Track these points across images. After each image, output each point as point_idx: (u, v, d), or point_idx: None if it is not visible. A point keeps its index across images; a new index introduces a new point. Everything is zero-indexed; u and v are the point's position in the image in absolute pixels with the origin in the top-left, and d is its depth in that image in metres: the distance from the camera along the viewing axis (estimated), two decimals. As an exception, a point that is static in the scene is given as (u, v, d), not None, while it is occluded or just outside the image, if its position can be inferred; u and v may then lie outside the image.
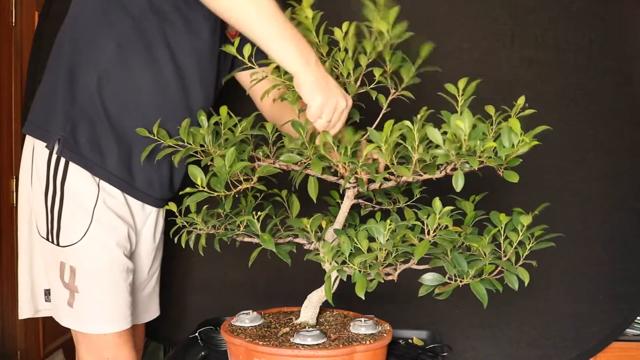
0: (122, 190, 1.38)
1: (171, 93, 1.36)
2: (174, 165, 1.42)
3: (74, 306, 1.36)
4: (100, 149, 1.34)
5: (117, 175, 1.36)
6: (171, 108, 1.35)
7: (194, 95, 1.39)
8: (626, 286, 1.90)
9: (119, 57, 1.32)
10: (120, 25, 1.31)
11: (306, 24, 1.17)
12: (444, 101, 1.16)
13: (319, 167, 1.14)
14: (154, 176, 1.41)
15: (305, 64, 1.17)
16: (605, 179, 1.90)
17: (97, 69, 1.32)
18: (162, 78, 1.34)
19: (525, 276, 1.10)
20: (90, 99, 1.33)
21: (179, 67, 1.35)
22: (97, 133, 1.33)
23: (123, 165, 1.36)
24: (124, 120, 1.34)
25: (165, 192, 1.46)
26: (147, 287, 1.57)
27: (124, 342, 1.39)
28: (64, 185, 1.34)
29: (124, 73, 1.33)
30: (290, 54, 1.17)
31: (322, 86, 1.17)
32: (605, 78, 1.88)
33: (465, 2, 1.91)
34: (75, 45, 1.35)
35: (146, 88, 1.34)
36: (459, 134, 1.02)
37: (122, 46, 1.32)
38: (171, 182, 1.46)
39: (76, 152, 1.33)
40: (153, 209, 1.47)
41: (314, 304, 1.30)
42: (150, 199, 1.44)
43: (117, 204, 1.38)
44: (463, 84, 1.13)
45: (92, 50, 1.33)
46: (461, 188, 1.03)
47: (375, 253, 1.11)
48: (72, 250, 1.34)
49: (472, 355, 1.95)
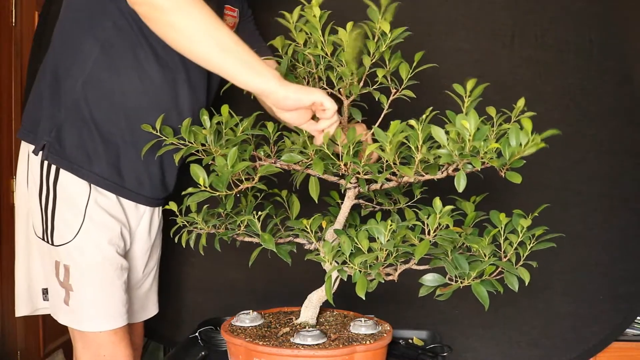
0: (112, 192, 1.38)
1: (157, 94, 1.36)
2: (164, 165, 1.42)
3: (70, 304, 1.37)
4: (87, 152, 1.34)
5: (106, 177, 1.36)
6: (158, 109, 1.33)
7: (182, 95, 1.39)
8: (626, 286, 1.91)
9: (103, 60, 1.32)
10: (103, 28, 1.31)
11: (313, 22, 1.17)
12: (444, 101, 1.16)
13: (320, 167, 1.14)
14: (144, 176, 1.41)
15: (279, 78, 1.17)
16: (605, 179, 1.90)
17: (82, 73, 1.32)
18: (146, 78, 1.34)
19: (525, 276, 1.10)
20: (75, 103, 1.33)
21: (163, 67, 1.35)
22: (84, 137, 1.34)
23: (112, 167, 1.37)
24: (110, 123, 1.35)
25: (157, 192, 1.46)
26: (144, 285, 1.57)
27: (120, 340, 1.39)
28: (56, 186, 1.34)
29: (109, 76, 1.33)
30: (262, 75, 1.16)
31: (303, 87, 1.18)
32: (605, 78, 1.88)
33: (465, 2, 1.91)
34: (60, 49, 1.36)
35: (131, 89, 1.34)
36: (464, 134, 1.02)
37: (106, 49, 1.32)
38: (163, 182, 1.46)
39: (62, 156, 1.33)
40: (147, 208, 1.47)
41: (314, 304, 1.30)
42: (142, 199, 1.44)
43: (109, 203, 1.38)
44: (471, 85, 1.13)
45: (76, 54, 1.33)
46: (463, 188, 1.03)
47: (375, 253, 1.11)
48: (65, 249, 1.35)
49: (472, 355, 1.95)
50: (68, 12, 1.37)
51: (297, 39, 1.23)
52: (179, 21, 1.15)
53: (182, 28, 1.16)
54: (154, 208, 1.50)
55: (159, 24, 1.18)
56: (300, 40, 1.23)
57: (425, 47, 1.27)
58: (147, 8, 1.17)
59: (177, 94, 1.38)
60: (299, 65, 1.28)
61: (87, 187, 1.35)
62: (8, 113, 1.99)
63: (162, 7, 1.14)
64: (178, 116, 1.36)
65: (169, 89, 1.37)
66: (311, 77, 1.28)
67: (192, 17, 1.15)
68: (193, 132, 1.21)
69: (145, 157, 1.35)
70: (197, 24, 1.16)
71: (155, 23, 1.19)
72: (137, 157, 1.37)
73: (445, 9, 1.91)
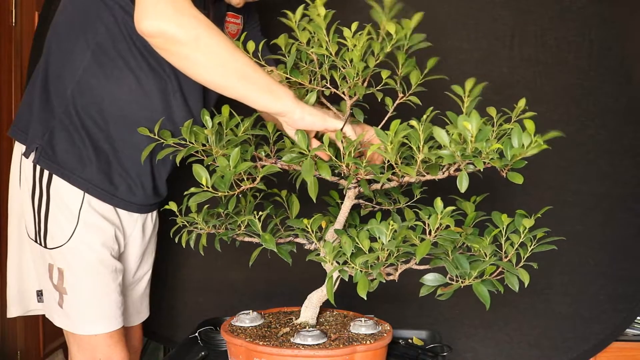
0: (103, 200, 1.37)
1: (147, 102, 1.34)
2: (155, 173, 1.41)
3: (64, 307, 1.37)
4: (78, 158, 1.33)
5: (97, 185, 1.35)
6: (148, 118, 1.32)
7: (174, 105, 1.37)
8: (626, 286, 1.91)
9: (93, 67, 1.31)
10: (95, 34, 1.30)
11: (317, 22, 1.17)
12: (444, 101, 1.16)
13: (326, 170, 1.13)
14: (136, 184, 1.40)
15: (294, 98, 1.18)
16: (605, 179, 1.91)
17: (72, 78, 1.31)
18: (137, 87, 1.32)
19: (525, 277, 1.10)
20: (66, 109, 1.32)
21: (155, 76, 1.33)
22: (75, 142, 1.33)
23: (103, 174, 1.36)
24: (99, 130, 1.34)
25: (149, 198, 1.45)
26: (137, 289, 1.57)
27: (115, 342, 1.39)
28: (50, 188, 1.34)
29: (98, 82, 1.31)
30: (280, 98, 1.17)
31: (319, 113, 1.19)
32: (605, 78, 1.88)
33: (465, 2, 1.91)
34: (53, 54, 1.35)
35: (121, 97, 1.32)
36: (466, 135, 1.02)
37: (97, 55, 1.30)
38: (155, 189, 1.45)
39: (54, 161, 1.33)
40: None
41: (314, 304, 1.30)
42: (134, 207, 1.43)
43: (103, 205, 1.38)
44: (470, 85, 1.13)
45: (67, 59, 1.32)
46: (465, 189, 1.03)
47: (377, 253, 1.11)
48: (59, 253, 1.35)
49: (472, 355, 1.95)
50: (62, 17, 1.36)
51: (300, 38, 1.23)
52: (195, 53, 1.13)
53: (199, 60, 1.14)
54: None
55: (175, 56, 1.15)
56: (303, 40, 1.23)
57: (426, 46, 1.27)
58: (162, 40, 1.13)
59: (168, 103, 1.36)
60: (301, 64, 1.28)
61: (80, 190, 1.34)
62: (8, 113, 1.99)
63: (178, 40, 1.12)
64: (171, 125, 1.33)
65: (160, 98, 1.35)
66: (314, 76, 1.28)
67: (209, 49, 1.13)
68: (194, 133, 1.21)
69: (136, 166, 1.35)
70: (214, 56, 1.14)
71: (171, 55, 1.16)
72: (128, 166, 1.37)
73: (445, 9, 1.91)
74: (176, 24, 1.11)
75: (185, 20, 1.12)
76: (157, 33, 1.12)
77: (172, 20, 1.11)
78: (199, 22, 1.13)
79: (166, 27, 1.11)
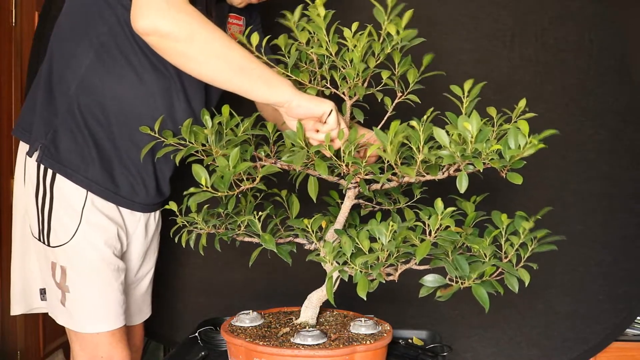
0: (106, 199, 1.37)
1: (150, 102, 1.34)
2: (157, 172, 1.41)
3: (66, 305, 1.37)
4: (81, 157, 1.34)
5: (100, 184, 1.35)
6: (151, 117, 1.32)
7: (177, 104, 1.37)
8: (626, 286, 1.91)
9: (96, 66, 1.31)
10: (98, 34, 1.30)
11: (317, 22, 1.17)
12: (444, 101, 1.16)
13: (323, 168, 1.14)
14: (138, 184, 1.40)
15: (291, 87, 1.18)
16: (605, 179, 1.91)
17: (75, 78, 1.32)
18: (139, 86, 1.33)
19: (525, 278, 1.10)
20: (69, 108, 1.32)
21: (157, 75, 1.33)
22: (78, 142, 1.33)
23: (106, 173, 1.36)
24: (102, 129, 1.34)
25: (152, 197, 1.45)
26: (139, 288, 1.57)
27: (117, 341, 1.39)
28: (53, 187, 1.34)
29: (101, 82, 1.31)
30: (277, 87, 1.18)
31: (315, 98, 1.19)
32: (605, 78, 1.89)
33: (465, 2, 1.91)
34: (56, 54, 1.35)
35: (123, 96, 1.32)
36: (465, 136, 1.02)
37: (100, 54, 1.31)
38: (158, 188, 1.45)
39: (57, 160, 1.33)
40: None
41: (314, 304, 1.30)
42: (137, 206, 1.43)
43: (106, 204, 1.38)
44: (469, 86, 1.13)
45: (70, 59, 1.32)
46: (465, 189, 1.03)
47: (377, 253, 1.11)
48: (62, 251, 1.35)
49: (472, 355, 1.95)
50: (65, 17, 1.36)
51: (299, 38, 1.23)
52: (190, 49, 1.14)
53: (195, 56, 1.15)
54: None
55: (170, 52, 1.16)
56: (302, 40, 1.23)
57: (426, 46, 1.27)
58: (157, 38, 1.14)
59: (171, 102, 1.36)
60: (301, 65, 1.28)
61: (83, 189, 1.35)
62: (8, 113, 1.99)
63: (172, 36, 1.13)
64: (173, 125, 1.34)
65: (162, 98, 1.35)
66: (314, 76, 1.28)
67: (204, 44, 1.14)
68: (194, 132, 1.21)
69: (139, 166, 1.35)
70: (209, 51, 1.15)
71: (165, 51, 1.17)
72: (131, 165, 1.37)
73: (445, 9, 1.91)
74: (170, 21, 1.12)
75: (179, 16, 1.13)
76: (152, 30, 1.13)
77: (166, 17, 1.12)
78: (193, 18, 1.14)
79: (160, 24, 1.12)
